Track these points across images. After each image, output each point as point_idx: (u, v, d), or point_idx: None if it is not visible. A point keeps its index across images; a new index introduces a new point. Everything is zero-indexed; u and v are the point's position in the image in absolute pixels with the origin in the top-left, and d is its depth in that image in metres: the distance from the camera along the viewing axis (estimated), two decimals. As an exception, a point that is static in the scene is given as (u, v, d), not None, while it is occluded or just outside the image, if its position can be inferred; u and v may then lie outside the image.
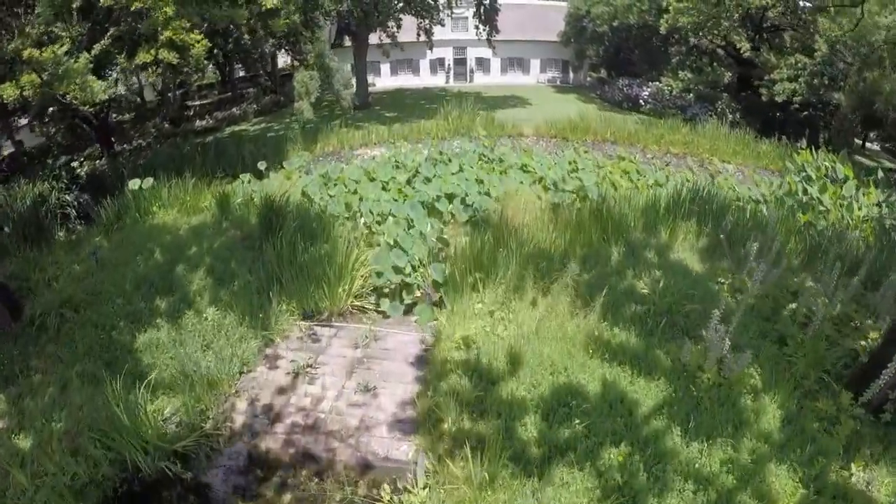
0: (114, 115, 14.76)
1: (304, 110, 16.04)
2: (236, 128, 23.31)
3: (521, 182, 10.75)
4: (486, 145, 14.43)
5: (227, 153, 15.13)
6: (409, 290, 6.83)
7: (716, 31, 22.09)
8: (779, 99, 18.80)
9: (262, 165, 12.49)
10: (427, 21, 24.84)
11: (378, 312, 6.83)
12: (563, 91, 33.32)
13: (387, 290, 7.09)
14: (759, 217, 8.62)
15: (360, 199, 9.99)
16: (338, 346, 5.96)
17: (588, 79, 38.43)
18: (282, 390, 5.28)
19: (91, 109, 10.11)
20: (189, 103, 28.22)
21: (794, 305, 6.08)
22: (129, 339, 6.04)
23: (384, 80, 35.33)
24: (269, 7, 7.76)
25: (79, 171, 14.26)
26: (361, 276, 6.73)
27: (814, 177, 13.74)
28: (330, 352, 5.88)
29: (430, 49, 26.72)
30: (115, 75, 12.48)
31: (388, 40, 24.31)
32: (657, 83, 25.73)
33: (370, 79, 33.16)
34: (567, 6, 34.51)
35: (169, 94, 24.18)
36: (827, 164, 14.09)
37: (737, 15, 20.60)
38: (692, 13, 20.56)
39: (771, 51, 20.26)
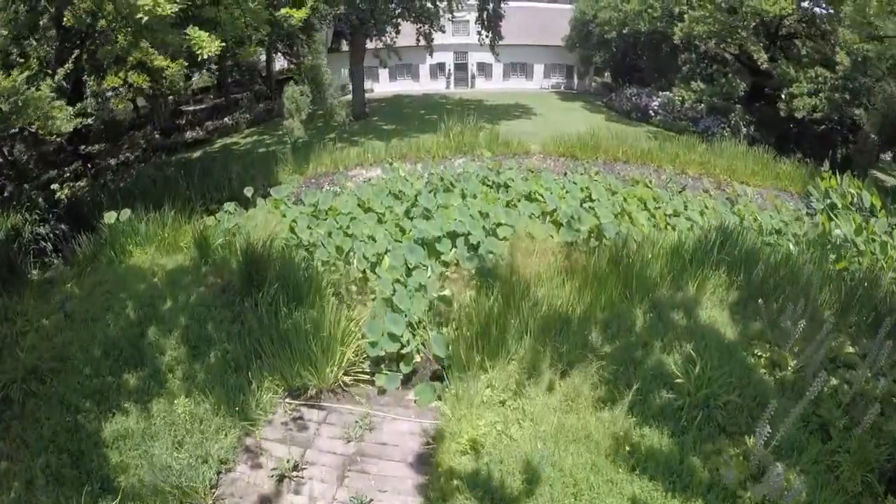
0: (83, 147, 14.09)
1: (294, 129, 15.33)
2: (227, 140, 22.71)
3: (531, 216, 10.11)
4: (491, 168, 13.81)
5: (213, 174, 14.51)
6: (406, 359, 6.21)
7: (729, 39, 21.51)
8: (798, 115, 18.19)
9: (248, 192, 11.87)
10: (427, 26, 24.21)
11: (373, 384, 6.23)
12: (568, 98, 32.71)
13: (383, 353, 6.49)
14: (791, 263, 8.01)
15: (353, 239, 9.37)
16: (327, 437, 5.34)
17: (593, 84, 37.83)
18: (265, 501, 4.65)
19: (59, 139, 9.51)
20: (184, 108, 27.61)
21: (835, 382, 5.54)
22: (95, 426, 5.45)
23: (383, 85, 34.70)
24: (204, 56, 6.99)
25: (59, 193, 13.69)
26: (353, 348, 6.10)
27: (839, 205, 13.21)
28: (318, 444, 5.25)
29: (431, 55, 26.10)
30: (87, 100, 11.86)
31: (387, 45, 23.63)
32: (667, 93, 25.09)
33: (368, 84, 32.51)
34: (573, 10, 33.90)
35: (160, 101, 23.57)
36: (853, 191, 13.55)
37: (753, 24, 20.00)
38: (708, 21, 19.97)
39: (789, 62, 19.63)
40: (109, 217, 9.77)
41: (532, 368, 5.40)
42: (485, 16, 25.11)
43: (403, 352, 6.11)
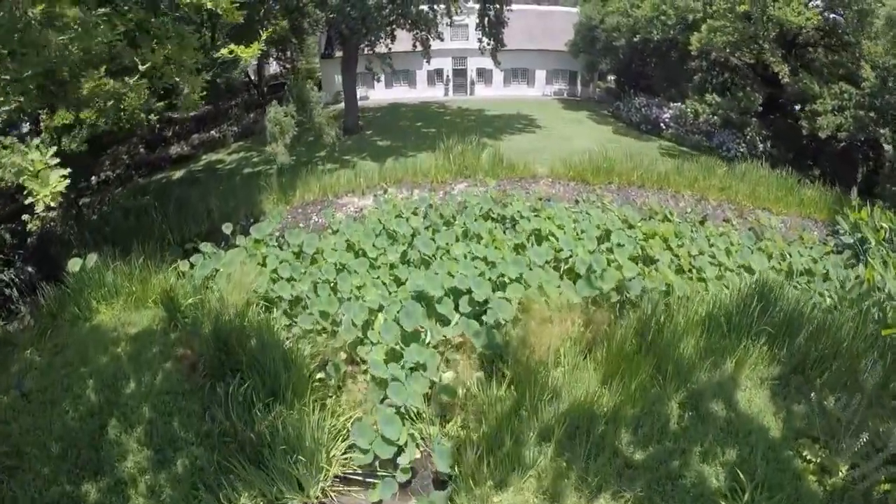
0: (27, 201, 13.34)
1: (278, 154, 14.53)
2: (213, 156, 21.93)
3: (543, 266, 9.39)
4: (495, 198, 13.12)
5: (190, 203, 13.75)
6: (404, 469, 5.51)
7: (746, 49, 20.90)
8: (822, 135, 17.54)
9: (227, 228, 11.15)
10: (423, 32, 23.46)
11: (366, 487, 5.55)
12: (572, 107, 32.00)
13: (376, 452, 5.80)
14: (832, 329, 7.34)
15: (340, 296, 8.64)
16: (311, 577, 4.65)
17: (597, 90, 37.15)
18: None
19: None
20: (175, 116, 26.80)
21: (887, 487, 5.09)
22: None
23: (378, 92, 33.92)
24: (43, 203, 5.46)
25: (30, 225, 13.04)
26: (340, 457, 5.41)
27: (872, 240, 12.58)
28: (300, 587, 4.56)
29: (428, 62, 25.37)
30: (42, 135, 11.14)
31: (379, 55, 22.85)
32: (679, 105, 24.39)
33: (363, 92, 31.81)
34: (578, 14, 33.27)
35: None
36: (885, 224, 12.92)
37: (773, 34, 19.37)
38: (727, 31, 19.31)
39: (813, 76, 18.97)
40: (74, 264, 9.09)
41: (554, 493, 4.71)
42: (486, 22, 24.34)
43: (400, 461, 5.40)
